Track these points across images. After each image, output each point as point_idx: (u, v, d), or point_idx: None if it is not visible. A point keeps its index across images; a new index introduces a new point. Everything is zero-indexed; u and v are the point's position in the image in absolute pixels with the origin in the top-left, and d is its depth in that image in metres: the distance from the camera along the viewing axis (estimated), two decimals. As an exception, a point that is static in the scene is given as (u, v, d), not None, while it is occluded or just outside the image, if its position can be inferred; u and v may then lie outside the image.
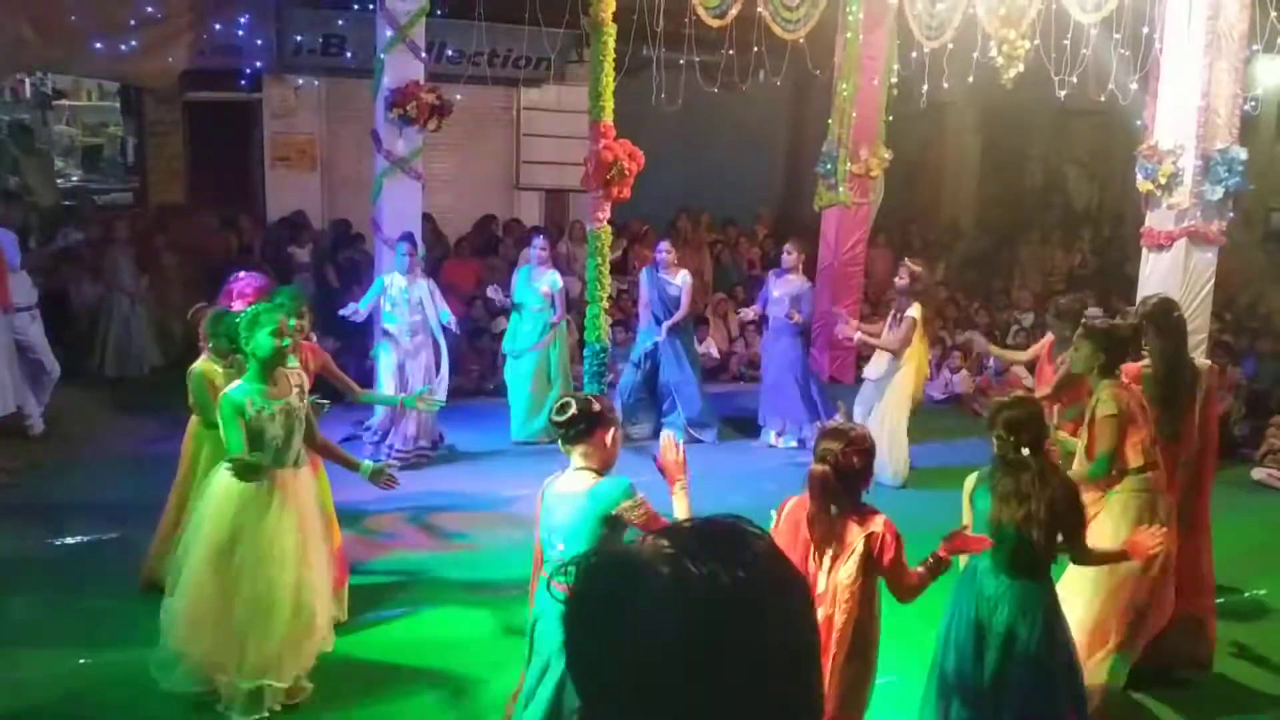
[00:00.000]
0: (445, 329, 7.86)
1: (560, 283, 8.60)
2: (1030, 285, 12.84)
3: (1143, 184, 7.37)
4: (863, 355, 11.39)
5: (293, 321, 4.80)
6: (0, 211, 8.14)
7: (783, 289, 8.68)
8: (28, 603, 5.69)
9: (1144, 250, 7.52)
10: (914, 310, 7.79)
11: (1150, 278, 7.35)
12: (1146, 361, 5.34)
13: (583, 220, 11.20)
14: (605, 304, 6.23)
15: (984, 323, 11.91)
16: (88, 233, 10.46)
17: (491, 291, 8.91)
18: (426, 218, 10.96)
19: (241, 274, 5.95)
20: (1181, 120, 7.15)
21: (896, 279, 8.00)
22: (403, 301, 7.81)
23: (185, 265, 10.63)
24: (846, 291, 11.12)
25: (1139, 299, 6.29)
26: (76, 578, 5.97)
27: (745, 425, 9.26)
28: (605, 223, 6.16)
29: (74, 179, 15.79)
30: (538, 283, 8.44)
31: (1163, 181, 7.20)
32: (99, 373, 9.89)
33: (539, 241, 8.67)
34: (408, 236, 7.98)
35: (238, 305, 5.45)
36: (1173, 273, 7.23)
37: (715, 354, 11.21)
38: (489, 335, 10.38)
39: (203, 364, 5.34)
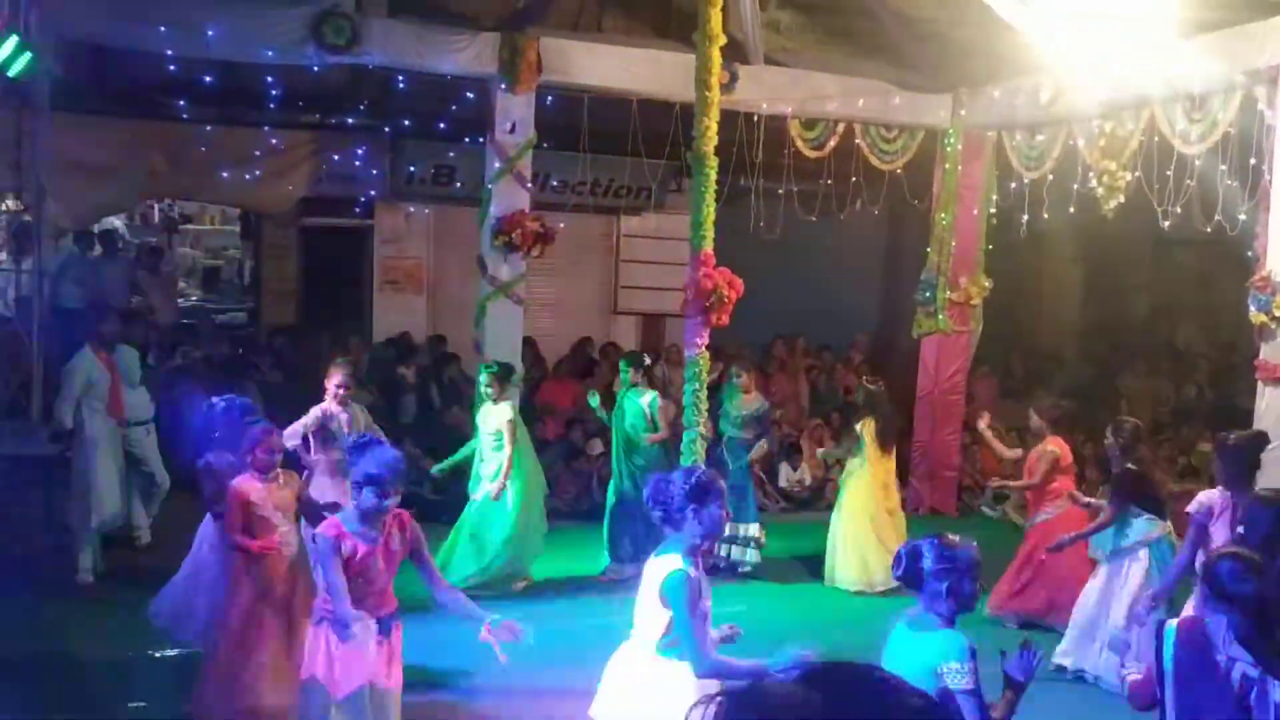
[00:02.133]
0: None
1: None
2: (1140, 418, 12.45)
3: (1256, 316, 7.17)
4: (963, 487, 11.18)
5: None
6: (122, 329, 8.55)
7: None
8: (122, 713, 5.79)
9: (1259, 384, 7.28)
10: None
11: (1266, 413, 7.09)
12: None
13: (678, 345, 11.31)
14: (702, 429, 6.24)
15: (1090, 455, 11.55)
16: (205, 351, 10.87)
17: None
18: (527, 341, 11.20)
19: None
20: (1295, 251, 6.99)
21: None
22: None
23: (294, 384, 10.95)
24: (947, 420, 10.94)
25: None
26: (172, 690, 6.03)
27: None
28: (704, 349, 6.21)
29: (193, 299, 16.53)
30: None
31: (1277, 314, 7.00)
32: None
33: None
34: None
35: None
36: (1292, 407, 6.97)
37: (808, 481, 11.06)
38: (585, 456, 10.43)
39: None
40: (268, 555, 5.16)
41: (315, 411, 7.26)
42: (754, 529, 8.66)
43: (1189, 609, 4.97)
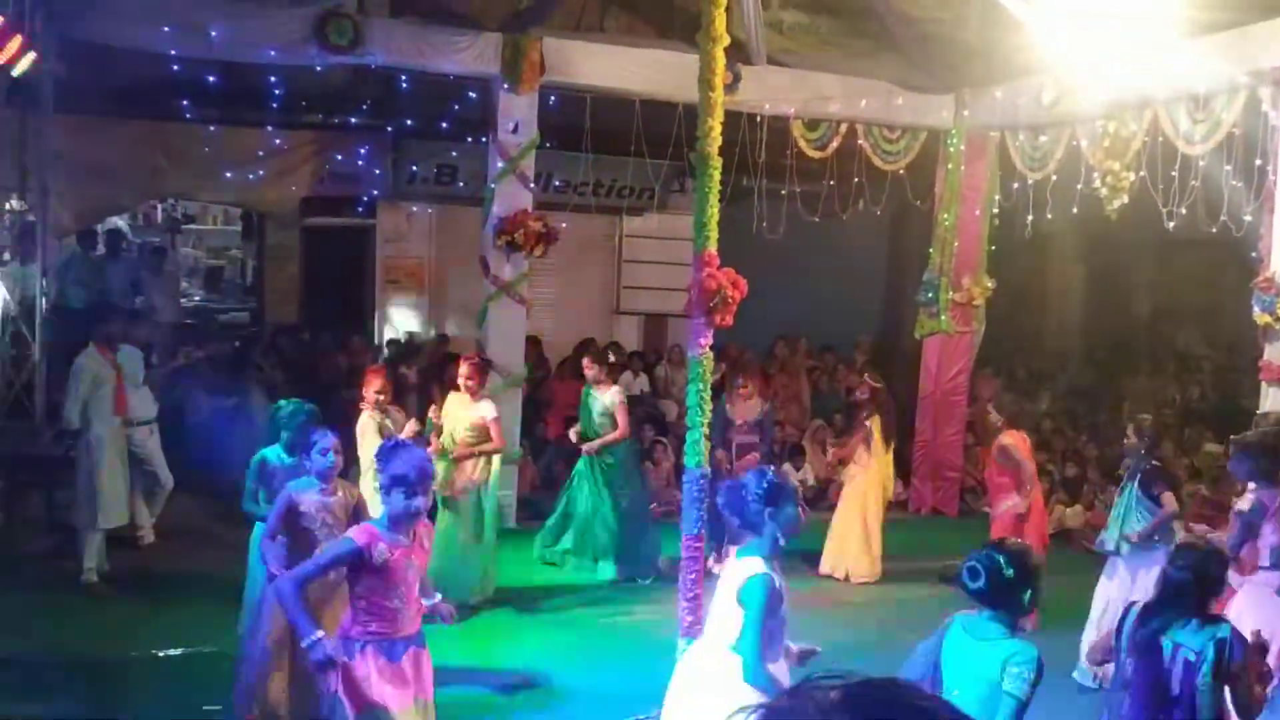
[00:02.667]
0: None
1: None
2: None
3: (1260, 316, 7.17)
4: (965, 488, 11.17)
5: None
6: (126, 329, 8.56)
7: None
8: (126, 713, 5.79)
9: (1263, 385, 7.27)
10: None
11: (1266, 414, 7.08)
12: None
13: (681, 345, 11.31)
14: (706, 429, 6.23)
15: (1093, 455, 11.56)
16: (208, 351, 10.89)
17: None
18: (533, 340, 11.20)
19: None
20: (1299, 252, 6.98)
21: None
22: None
23: (297, 383, 10.96)
24: (949, 420, 10.93)
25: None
26: (174, 690, 6.04)
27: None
28: (707, 349, 6.19)
29: (196, 299, 16.54)
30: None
31: (1281, 314, 7.00)
32: (210, 486, 10.14)
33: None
34: None
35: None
36: (1296, 408, 6.97)
37: (812, 481, 11.06)
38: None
39: None
40: None
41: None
42: None
43: None
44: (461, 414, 7.56)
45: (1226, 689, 3.81)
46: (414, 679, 4.28)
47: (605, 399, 8.26)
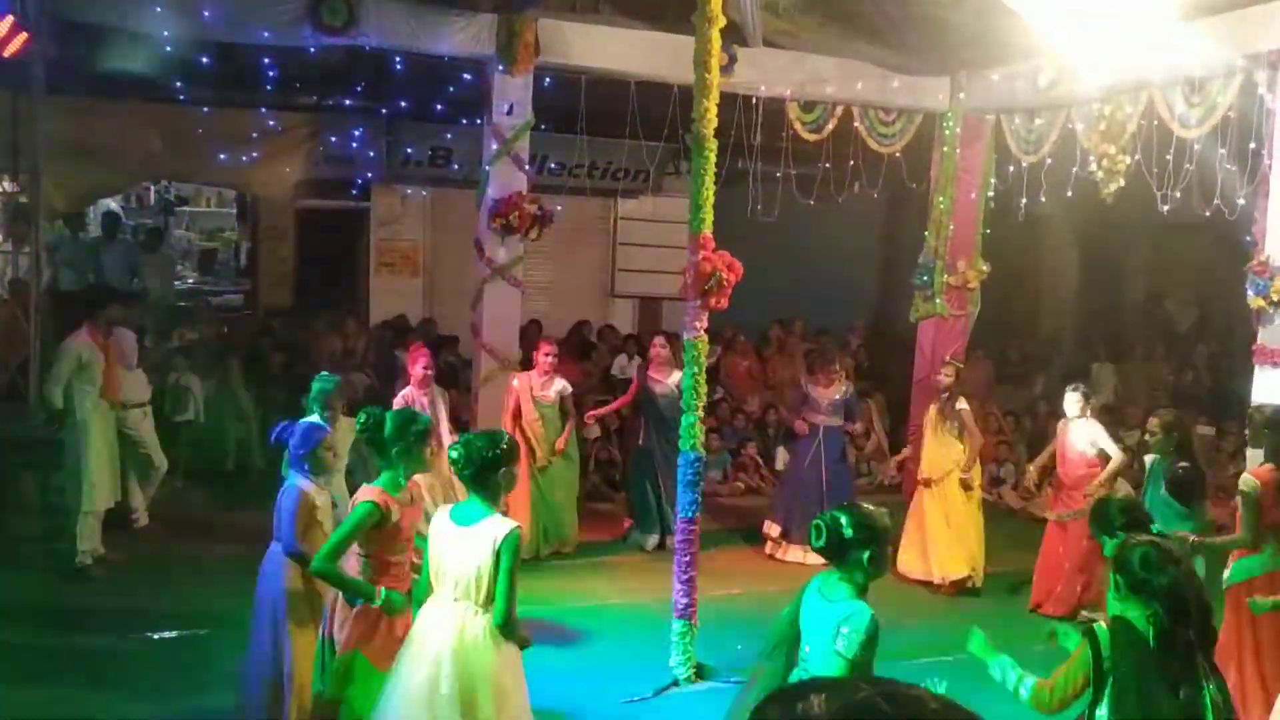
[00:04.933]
0: None
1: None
2: (1137, 402, 12.49)
3: (1254, 300, 7.17)
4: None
5: None
6: (122, 312, 8.52)
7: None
8: (120, 696, 5.80)
9: (1256, 368, 7.29)
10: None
11: (1264, 397, 7.09)
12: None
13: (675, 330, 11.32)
14: (700, 413, 6.24)
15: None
16: (202, 333, 10.88)
17: None
18: (534, 323, 11.20)
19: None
20: (1293, 236, 6.98)
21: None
22: None
23: (292, 366, 10.95)
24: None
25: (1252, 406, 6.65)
26: (169, 673, 6.06)
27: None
28: (703, 333, 6.20)
29: (189, 281, 16.48)
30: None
31: (1275, 298, 7.01)
32: (204, 469, 10.15)
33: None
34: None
35: None
36: (1289, 391, 6.98)
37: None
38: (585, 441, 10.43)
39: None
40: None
41: (399, 400, 7.40)
42: None
43: None
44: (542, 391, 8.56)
45: None
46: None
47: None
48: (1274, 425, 5.95)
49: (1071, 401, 7.95)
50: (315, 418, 5.77)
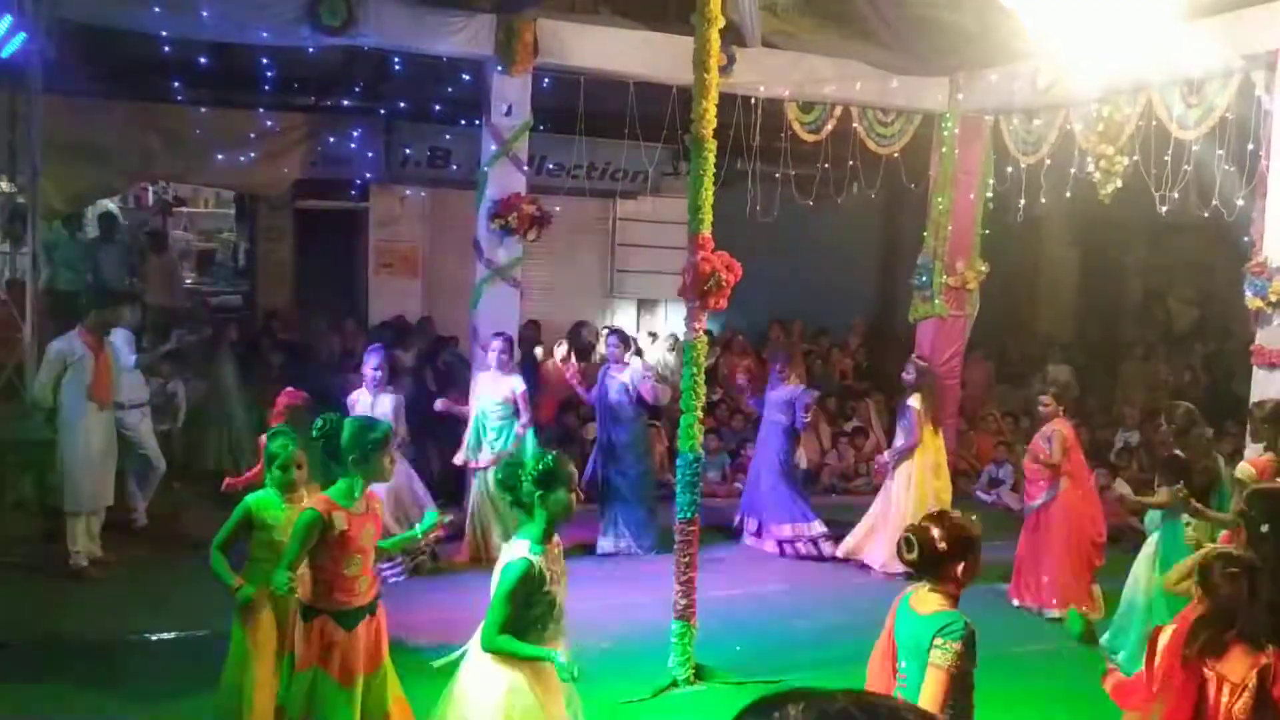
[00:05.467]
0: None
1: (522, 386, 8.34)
2: (1135, 402, 12.50)
3: (1252, 301, 7.18)
4: (958, 471, 11.19)
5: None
6: (120, 315, 8.51)
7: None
8: (117, 697, 5.79)
9: (1254, 369, 7.29)
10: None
11: (1261, 397, 7.10)
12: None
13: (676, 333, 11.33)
14: (699, 414, 6.23)
15: (1085, 440, 11.59)
16: (200, 334, 10.86)
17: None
18: (533, 324, 11.19)
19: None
20: (1292, 237, 6.99)
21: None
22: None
23: (291, 366, 10.93)
24: (942, 404, 10.93)
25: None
26: (164, 673, 6.05)
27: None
28: (702, 333, 6.19)
29: (188, 282, 16.47)
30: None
31: (1273, 299, 7.01)
32: (204, 469, 10.12)
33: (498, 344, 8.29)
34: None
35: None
36: (1288, 392, 6.98)
37: (804, 464, 11.07)
38: (579, 440, 10.42)
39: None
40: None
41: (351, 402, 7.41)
42: None
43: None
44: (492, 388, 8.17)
45: None
46: (372, 647, 4.45)
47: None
48: (1274, 419, 6.01)
49: (1041, 404, 8.00)
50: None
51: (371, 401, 7.65)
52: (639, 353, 11.88)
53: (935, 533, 3.54)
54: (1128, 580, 6.81)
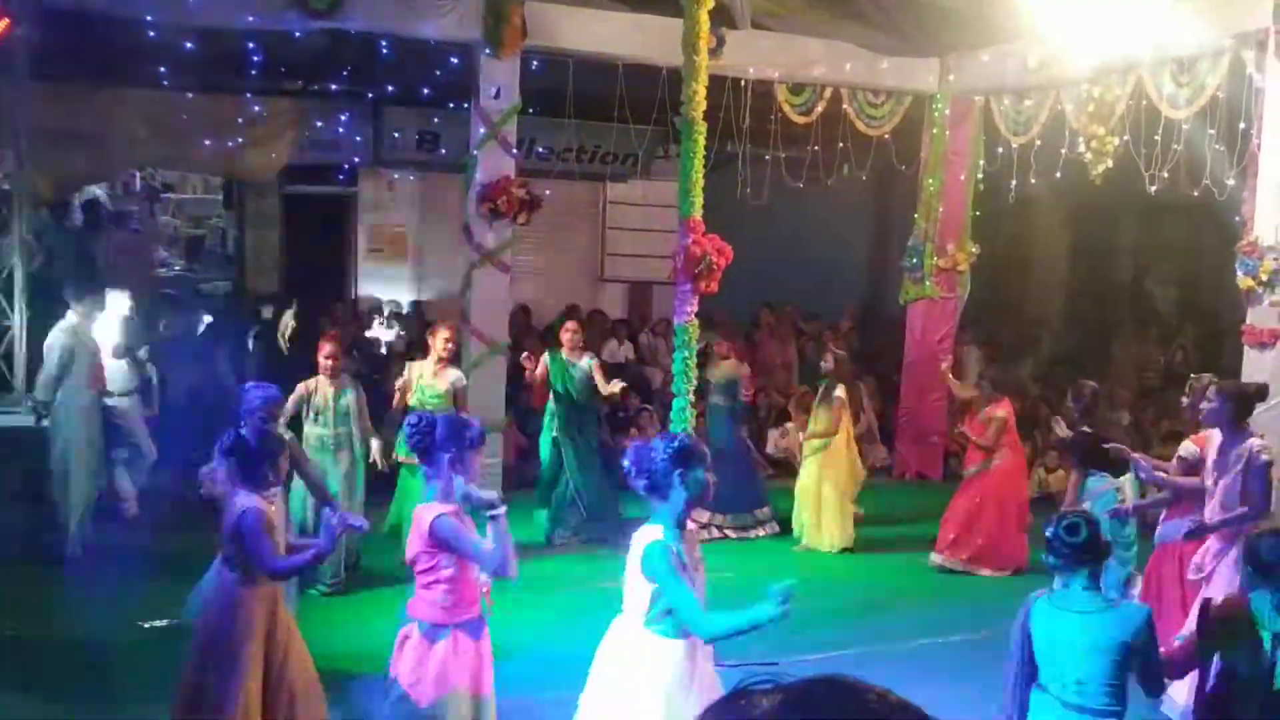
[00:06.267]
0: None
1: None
2: (1127, 383, 12.52)
3: (1243, 280, 7.19)
4: (949, 452, 11.23)
5: None
6: (104, 300, 8.46)
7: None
8: (109, 684, 5.79)
9: (1245, 348, 7.31)
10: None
11: (1253, 377, 7.12)
12: None
13: (666, 316, 11.30)
14: (691, 396, 6.24)
15: (1074, 420, 11.61)
16: (190, 320, 10.84)
17: None
18: (523, 308, 11.15)
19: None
20: (1282, 215, 7.00)
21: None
22: (327, 410, 7.29)
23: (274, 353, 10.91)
24: (933, 385, 10.96)
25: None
26: (158, 661, 6.03)
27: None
28: (693, 317, 6.19)
29: (176, 268, 16.41)
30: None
31: (1264, 278, 7.02)
32: (193, 457, 10.09)
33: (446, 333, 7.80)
34: None
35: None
36: (1277, 371, 7.00)
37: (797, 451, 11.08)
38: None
39: None
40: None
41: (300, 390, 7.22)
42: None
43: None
44: (432, 380, 7.58)
45: None
46: (469, 665, 4.36)
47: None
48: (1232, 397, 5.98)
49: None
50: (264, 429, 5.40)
51: (323, 389, 7.36)
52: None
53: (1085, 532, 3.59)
54: None
